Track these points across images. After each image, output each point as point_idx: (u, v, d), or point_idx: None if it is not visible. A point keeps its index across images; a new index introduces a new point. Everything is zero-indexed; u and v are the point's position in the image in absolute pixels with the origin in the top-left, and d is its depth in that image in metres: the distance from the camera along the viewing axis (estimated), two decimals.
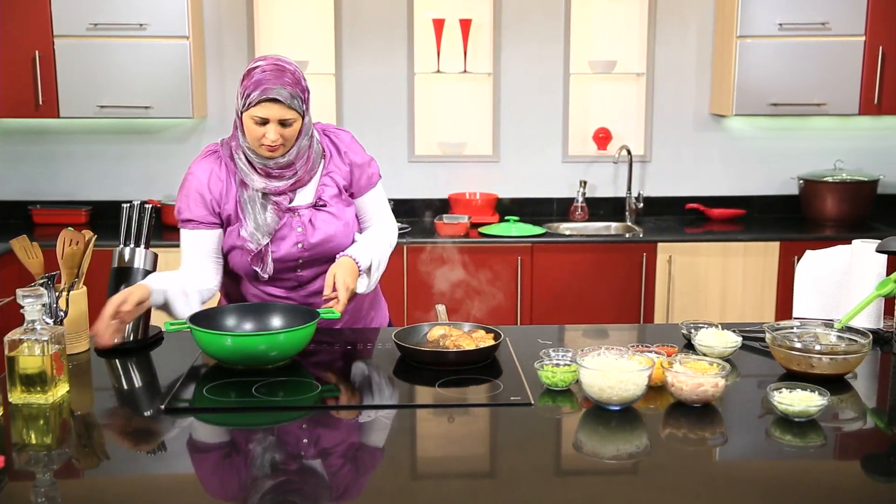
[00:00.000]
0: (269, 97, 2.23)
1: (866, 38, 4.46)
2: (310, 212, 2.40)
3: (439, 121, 4.85)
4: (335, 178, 2.45)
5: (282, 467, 1.68)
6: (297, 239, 2.39)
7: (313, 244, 2.40)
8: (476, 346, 2.18)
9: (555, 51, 4.77)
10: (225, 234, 2.41)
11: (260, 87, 2.23)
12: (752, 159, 4.92)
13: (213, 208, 2.38)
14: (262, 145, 2.29)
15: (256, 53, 4.66)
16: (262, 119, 2.25)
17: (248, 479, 1.63)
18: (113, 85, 4.35)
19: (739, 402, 2.00)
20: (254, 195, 2.35)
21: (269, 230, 2.35)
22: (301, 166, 2.37)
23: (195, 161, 2.42)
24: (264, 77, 2.24)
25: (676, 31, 4.79)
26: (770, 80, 4.50)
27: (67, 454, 1.76)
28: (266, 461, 1.69)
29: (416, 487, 1.63)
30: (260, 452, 1.74)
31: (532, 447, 1.77)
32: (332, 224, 2.42)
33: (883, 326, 2.41)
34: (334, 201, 2.43)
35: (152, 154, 4.75)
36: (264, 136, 2.26)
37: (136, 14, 4.28)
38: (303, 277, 2.46)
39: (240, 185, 2.37)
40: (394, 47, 4.73)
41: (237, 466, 1.69)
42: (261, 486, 1.60)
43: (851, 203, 4.67)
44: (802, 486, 1.60)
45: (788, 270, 4.35)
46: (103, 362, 2.28)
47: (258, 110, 2.24)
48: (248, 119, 2.27)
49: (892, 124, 4.92)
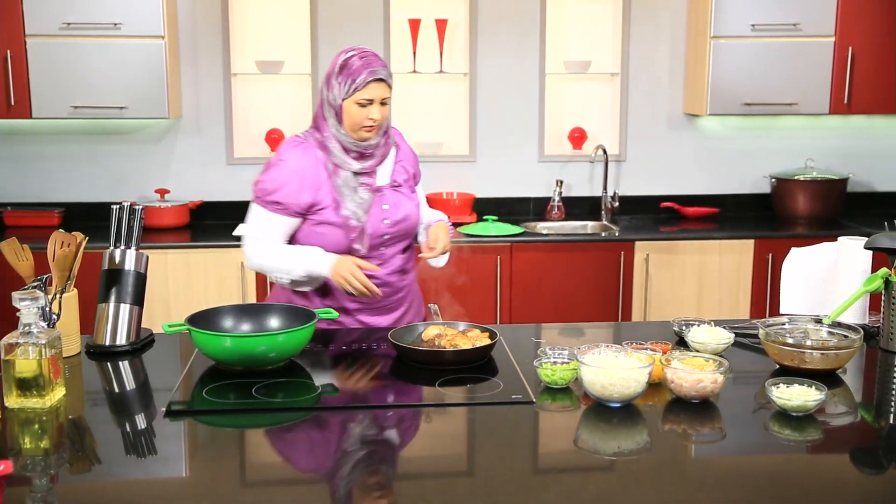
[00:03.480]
0: (377, 77, 2.44)
1: (836, 39, 4.54)
2: (389, 191, 2.60)
3: (415, 121, 4.85)
4: (405, 165, 2.67)
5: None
6: (384, 215, 2.57)
7: (397, 220, 2.59)
8: (472, 346, 2.19)
9: (530, 51, 4.79)
10: (307, 218, 2.54)
11: (365, 71, 2.44)
12: (725, 158, 4.99)
13: (306, 197, 2.51)
14: (363, 127, 2.48)
15: (231, 54, 4.64)
16: (368, 100, 2.45)
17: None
18: (86, 85, 4.29)
19: (734, 397, 2.03)
20: (347, 178, 2.52)
21: (366, 206, 2.53)
22: (382, 144, 2.57)
23: (284, 150, 2.56)
24: (363, 63, 2.45)
25: (650, 32, 4.84)
26: (743, 81, 4.57)
27: (65, 459, 1.74)
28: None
29: (428, 486, 1.64)
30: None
31: (535, 444, 1.79)
32: (408, 203, 2.64)
33: (869, 322, 2.46)
34: (406, 185, 2.66)
35: (126, 155, 4.70)
36: (367, 117, 2.46)
37: (109, 13, 4.23)
38: (385, 255, 2.61)
39: (332, 172, 2.52)
40: (370, 48, 4.67)
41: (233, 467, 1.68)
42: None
43: (822, 201, 4.75)
44: (804, 480, 1.64)
45: (763, 268, 4.42)
46: (95, 366, 2.26)
47: (365, 92, 2.44)
48: (351, 105, 2.46)
49: (861, 124, 5.01)
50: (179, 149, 4.72)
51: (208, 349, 2.09)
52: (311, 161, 2.53)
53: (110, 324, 2.31)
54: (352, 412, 1.93)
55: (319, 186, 2.52)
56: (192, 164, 4.73)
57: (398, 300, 2.68)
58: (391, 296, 2.65)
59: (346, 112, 2.48)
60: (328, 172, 2.53)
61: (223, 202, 4.75)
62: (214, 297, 4.18)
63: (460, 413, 1.95)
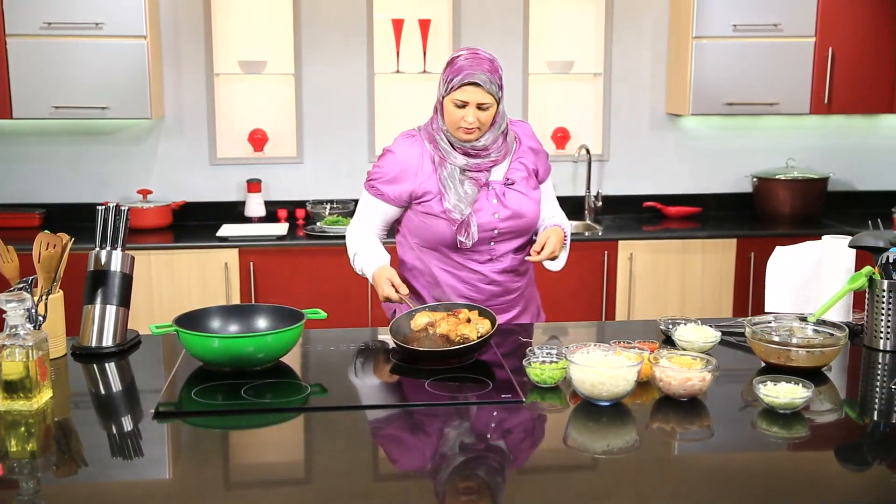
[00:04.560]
0: (470, 81, 2.43)
1: (816, 40, 4.58)
2: (502, 188, 2.59)
3: (399, 121, 4.83)
4: (524, 162, 2.64)
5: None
6: (493, 209, 2.57)
7: (507, 215, 2.58)
8: (475, 331, 2.21)
9: (513, 51, 4.80)
10: (411, 207, 2.61)
11: (462, 73, 2.45)
12: (707, 158, 5.02)
13: (407, 188, 2.57)
14: (460, 128, 2.49)
15: (214, 54, 4.62)
16: (462, 102, 2.46)
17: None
18: (68, 85, 4.26)
19: (722, 395, 2.05)
20: (453, 171, 2.54)
21: (470, 200, 2.54)
22: (496, 149, 2.57)
23: (395, 141, 2.64)
24: (466, 64, 2.46)
25: (633, 32, 4.86)
26: (724, 81, 4.59)
27: (52, 461, 1.73)
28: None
29: (410, 486, 1.64)
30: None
31: (525, 444, 1.80)
32: (523, 200, 2.60)
33: (853, 320, 2.48)
34: (523, 182, 2.62)
35: (108, 155, 4.67)
36: (462, 118, 2.47)
37: (91, 13, 4.20)
38: (495, 251, 2.61)
39: (438, 165, 2.56)
40: (353, 48, 4.72)
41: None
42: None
43: (803, 200, 4.79)
44: (792, 476, 1.65)
45: (745, 266, 4.45)
46: (81, 367, 2.24)
47: (459, 94, 2.45)
48: (448, 103, 2.49)
49: (842, 123, 5.06)
50: (162, 149, 4.70)
51: (196, 350, 2.08)
52: (417, 153, 2.58)
53: (96, 325, 2.30)
54: (340, 412, 1.93)
55: (424, 178, 2.56)
56: (174, 164, 4.71)
57: (509, 302, 2.67)
58: (501, 296, 2.65)
59: (445, 109, 2.51)
60: (434, 165, 2.56)
61: (206, 203, 4.73)
62: (198, 299, 4.16)
63: (448, 413, 1.95)
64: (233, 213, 4.75)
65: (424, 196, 2.57)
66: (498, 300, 2.64)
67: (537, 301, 2.83)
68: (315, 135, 4.78)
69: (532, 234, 2.68)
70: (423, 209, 2.58)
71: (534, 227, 2.66)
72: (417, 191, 2.57)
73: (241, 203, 4.74)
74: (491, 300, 2.63)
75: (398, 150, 2.60)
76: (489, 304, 2.61)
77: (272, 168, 4.77)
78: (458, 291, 2.62)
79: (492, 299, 2.63)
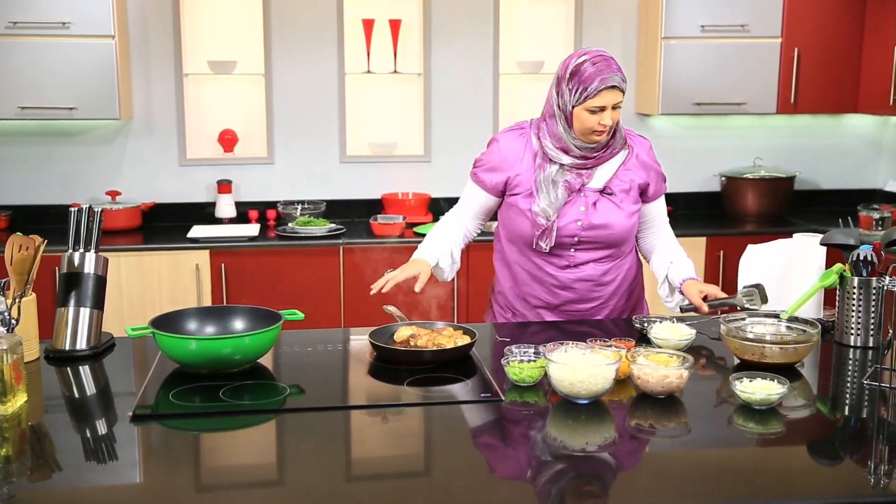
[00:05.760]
0: (610, 85, 2.39)
1: (782, 40, 4.64)
2: (596, 195, 2.54)
3: (370, 121, 4.85)
4: (631, 175, 2.58)
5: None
6: (577, 217, 2.53)
7: (592, 225, 2.53)
8: (454, 344, 2.20)
9: (484, 51, 4.82)
10: (506, 198, 2.61)
11: (597, 79, 2.40)
12: (676, 157, 5.05)
13: (503, 177, 2.57)
14: (595, 131, 2.45)
15: (183, 54, 4.58)
16: (600, 108, 2.41)
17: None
18: (34, 86, 4.20)
19: (697, 391, 2.07)
20: (552, 172, 2.51)
21: (558, 206, 2.51)
22: (608, 146, 2.52)
23: (502, 131, 2.65)
24: (596, 70, 2.40)
25: (602, 33, 4.89)
26: (693, 81, 4.64)
27: (27, 466, 1.70)
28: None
29: (387, 487, 1.64)
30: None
31: (505, 442, 1.80)
32: (614, 213, 2.55)
33: (824, 316, 2.52)
34: (622, 195, 2.56)
35: (76, 156, 4.62)
36: (598, 122, 2.42)
37: (58, 12, 4.15)
38: (575, 259, 2.58)
39: (539, 165, 2.52)
40: (323, 48, 4.70)
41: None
42: None
43: (770, 199, 4.84)
44: (768, 471, 1.67)
45: (715, 265, 4.50)
46: (54, 371, 2.22)
47: (597, 100, 2.41)
48: (582, 112, 2.43)
49: (808, 123, 5.12)
50: (131, 150, 4.65)
51: (173, 352, 2.07)
52: (520, 146, 2.57)
53: (70, 328, 2.28)
54: (318, 413, 1.93)
55: (522, 171, 2.55)
56: (143, 165, 4.67)
57: (588, 311, 2.64)
58: (577, 303, 2.62)
59: (576, 118, 2.45)
60: (535, 163, 2.54)
61: (176, 203, 4.70)
62: (169, 300, 4.13)
63: (427, 412, 1.95)
64: (203, 214, 4.71)
65: (516, 189, 2.57)
66: (574, 307, 2.63)
67: (628, 311, 2.73)
68: (286, 135, 4.76)
69: (623, 245, 2.61)
70: (512, 201, 2.58)
71: (623, 242, 2.60)
72: (512, 181, 2.57)
73: (211, 204, 4.71)
74: (567, 305, 2.62)
75: (503, 140, 2.61)
76: (564, 308, 2.61)
77: (243, 169, 4.74)
78: (532, 292, 2.62)
79: (567, 305, 2.62)
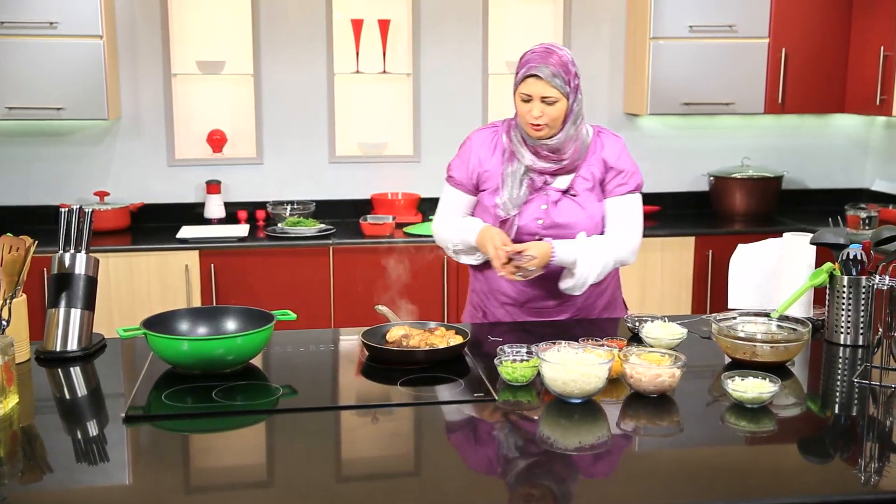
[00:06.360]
0: (532, 73, 2.43)
1: (770, 41, 4.66)
2: (558, 195, 2.55)
3: (359, 121, 4.85)
4: (592, 171, 2.58)
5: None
6: (538, 215, 2.55)
7: (552, 224, 2.55)
8: (447, 344, 2.20)
9: (473, 51, 4.82)
10: (478, 195, 2.64)
11: (526, 66, 2.45)
12: (664, 157, 5.08)
13: (474, 173, 2.61)
14: (528, 123, 2.48)
15: (172, 54, 4.57)
16: (527, 95, 2.45)
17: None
18: (22, 86, 4.18)
19: (689, 390, 2.07)
20: (517, 169, 2.54)
21: (518, 202, 2.53)
22: (569, 155, 2.53)
23: (475, 130, 2.69)
24: (532, 57, 2.45)
25: (591, 33, 4.90)
26: (681, 81, 4.65)
27: (19, 468, 1.70)
28: None
29: (376, 487, 1.65)
30: None
31: (498, 442, 1.81)
32: (576, 213, 2.56)
33: (813, 315, 2.53)
34: (586, 194, 2.57)
35: (64, 157, 4.59)
36: (528, 112, 2.46)
37: (45, 12, 4.13)
38: None
39: (507, 159, 2.56)
40: (312, 48, 4.70)
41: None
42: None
43: (758, 198, 4.87)
44: (761, 470, 1.68)
45: (704, 264, 4.51)
46: (45, 372, 2.21)
47: (524, 87, 2.46)
48: (517, 98, 2.49)
49: (795, 123, 5.15)
50: (119, 150, 4.63)
51: (165, 353, 2.06)
52: (491, 143, 2.61)
53: (61, 329, 2.27)
54: (311, 413, 1.92)
55: (491, 167, 2.59)
56: (132, 165, 4.65)
57: (557, 308, 2.65)
58: (544, 300, 2.63)
59: (516, 103, 2.52)
60: (503, 158, 2.57)
61: (165, 204, 4.68)
62: (159, 301, 4.12)
63: (420, 412, 1.95)
64: (192, 214, 4.70)
65: (486, 184, 2.60)
66: (541, 304, 2.64)
67: (600, 310, 2.74)
68: (274, 135, 4.75)
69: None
70: (481, 198, 2.63)
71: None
72: (482, 177, 2.61)
73: (200, 204, 4.70)
74: (533, 302, 2.63)
75: (475, 138, 2.66)
76: (532, 305, 2.63)
77: (232, 169, 4.73)
78: (500, 289, 2.64)
79: (534, 301, 2.63)
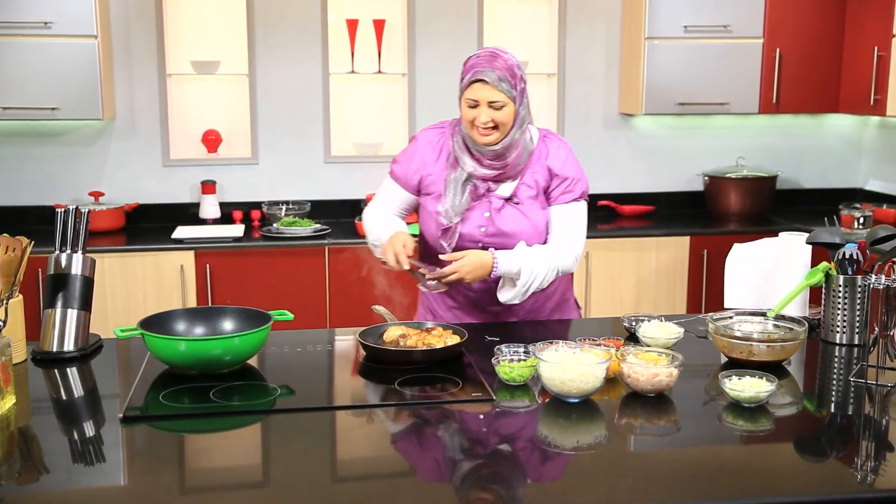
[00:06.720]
0: (478, 78, 2.39)
1: (764, 41, 4.67)
2: (502, 203, 2.52)
3: (354, 121, 4.84)
4: (536, 178, 2.54)
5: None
6: (481, 223, 2.52)
7: (495, 232, 2.51)
8: (444, 344, 2.20)
9: (468, 51, 4.74)
10: (419, 197, 2.61)
11: (471, 70, 2.42)
12: (659, 157, 5.09)
13: (416, 174, 2.57)
14: (475, 128, 2.44)
15: (166, 54, 4.56)
16: (474, 101, 2.41)
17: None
18: (16, 86, 4.17)
19: (686, 390, 2.07)
20: (459, 176, 2.51)
21: (460, 210, 2.50)
22: (512, 160, 2.49)
23: (423, 129, 2.65)
24: (477, 62, 2.42)
25: (586, 33, 4.91)
26: (676, 81, 4.66)
27: (16, 469, 1.69)
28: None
29: (370, 488, 1.65)
30: None
31: (495, 441, 1.81)
32: (519, 221, 2.52)
33: (809, 314, 2.54)
34: (529, 202, 2.53)
35: (58, 157, 4.58)
36: (476, 118, 2.42)
37: (40, 12, 4.12)
38: None
39: (451, 165, 2.52)
40: (307, 48, 4.69)
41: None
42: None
43: (753, 198, 4.88)
44: (758, 469, 1.68)
45: (698, 264, 4.52)
46: (42, 373, 2.20)
47: (469, 92, 2.42)
48: (463, 103, 2.45)
49: (789, 123, 5.16)
50: (114, 150, 4.62)
51: (163, 353, 2.06)
52: (437, 145, 2.57)
53: (57, 329, 2.26)
54: (309, 413, 1.92)
55: (435, 172, 2.55)
56: (127, 165, 4.64)
57: (505, 310, 2.61)
58: (489, 306, 2.60)
59: (461, 108, 2.48)
60: (447, 163, 2.54)
61: (160, 204, 4.68)
62: (154, 302, 4.11)
63: (417, 412, 1.95)
64: (187, 214, 4.69)
65: (429, 188, 2.57)
66: (489, 307, 2.60)
67: (550, 311, 2.72)
68: (270, 135, 4.74)
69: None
70: (423, 202, 2.60)
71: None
72: (425, 181, 2.57)
73: (195, 205, 4.69)
74: (483, 305, 2.61)
75: (422, 138, 2.61)
76: (481, 308, 2.60)
77: (226, 169, 4.73)
78: (449, 292, 2.59)
79: (483, 305, 2.60)
